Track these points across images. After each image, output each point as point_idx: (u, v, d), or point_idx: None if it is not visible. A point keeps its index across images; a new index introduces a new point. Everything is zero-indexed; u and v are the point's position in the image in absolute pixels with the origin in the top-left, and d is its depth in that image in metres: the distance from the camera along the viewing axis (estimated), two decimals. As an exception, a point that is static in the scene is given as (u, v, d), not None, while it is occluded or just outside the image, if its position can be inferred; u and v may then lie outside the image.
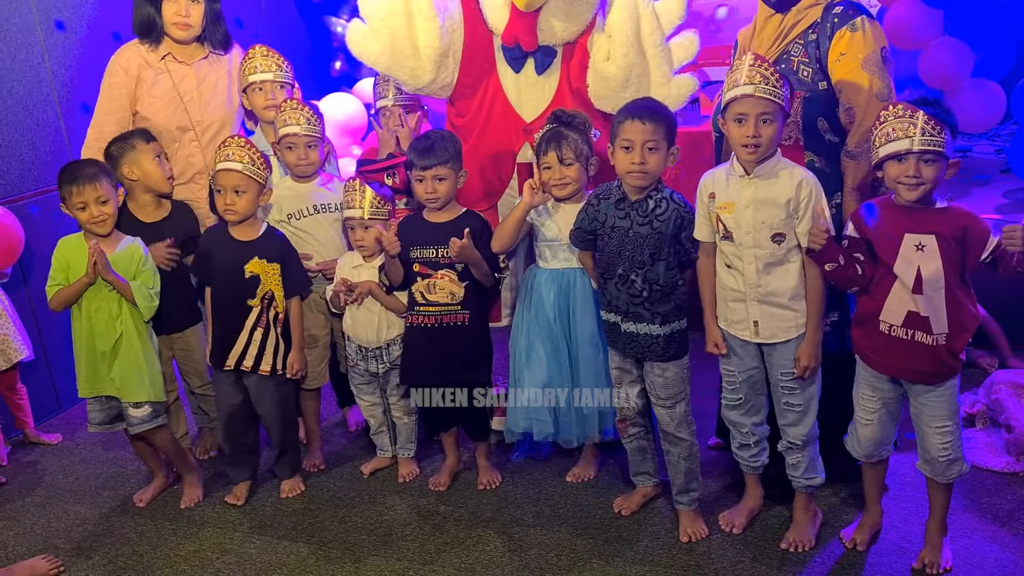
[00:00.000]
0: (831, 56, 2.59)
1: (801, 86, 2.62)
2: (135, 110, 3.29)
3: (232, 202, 2.88)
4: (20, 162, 3.78)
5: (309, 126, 3.06)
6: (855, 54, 2.55)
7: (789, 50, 2.65)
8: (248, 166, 2.87)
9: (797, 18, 2.65)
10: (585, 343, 2.86)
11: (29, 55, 3.79)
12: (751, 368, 2.60)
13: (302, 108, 3.07)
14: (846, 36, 2.56)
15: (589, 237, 2.73)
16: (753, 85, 2.37)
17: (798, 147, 2.65)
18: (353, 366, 3.14)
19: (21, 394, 3.66)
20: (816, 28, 2.62)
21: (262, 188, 2.94)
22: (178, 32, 3.25)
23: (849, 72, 2.56)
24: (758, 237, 2.45)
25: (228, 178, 2.87)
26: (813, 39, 2.61)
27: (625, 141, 2.55)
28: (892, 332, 2.36)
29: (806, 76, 2.63)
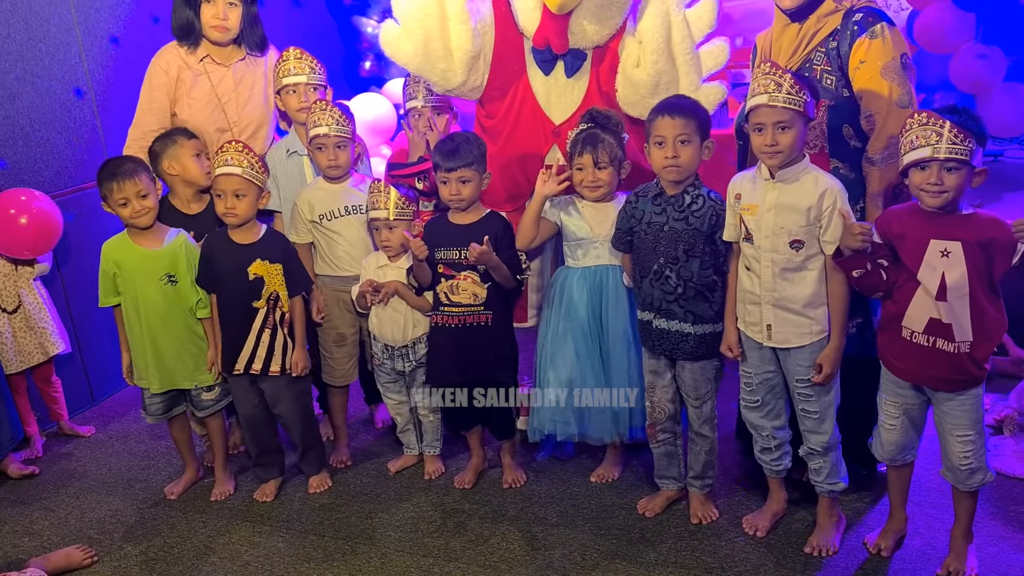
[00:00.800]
0: (851, 64, 2.60)
1: (825, 94, 2.62)
2: (174, 111, 3.36)
3: (232, 206, 2.91)
4: (58, 160, 3.86)
5: (338, 127, 3.09)
6: (874, 61, 2.56)
7: (811, 58, 2.66)
8: (247, 170, 2.91)
9: (817, 26, 2.66)
10: (617, 339, 2.88)
11: (67, 55, 3.86)
12: (768, 371, 2.61)
13: (331, 109, 3.10)
14: (865, 43, 2.57)
15: (628, 238, 2.76)
16: (768, 94, 2.39)
17: (823, 155, 2.66)
18: (379, 365, 3.18)
19: (56, 387, 3.74)
20: (837, 36, 2.62)
21: (261, 191, 2.97)
22: (216, 34, 3.31)
23: (869, 80, 2.57)
24: (776, 241, 2.46)
25: (228, 182, 2.90)
26: (834, 47, 2.62)
27: (658, 137, 2.60)
28: (913, 338, 2.36)
29: (830, 84, 2.63)
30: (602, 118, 2.81)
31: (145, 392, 3.14)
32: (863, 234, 2.33)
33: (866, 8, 2.61)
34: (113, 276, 3.00)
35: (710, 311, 2.67)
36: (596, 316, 2.90)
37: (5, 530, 3.08)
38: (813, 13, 2.66)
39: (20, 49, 3.67)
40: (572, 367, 2.91)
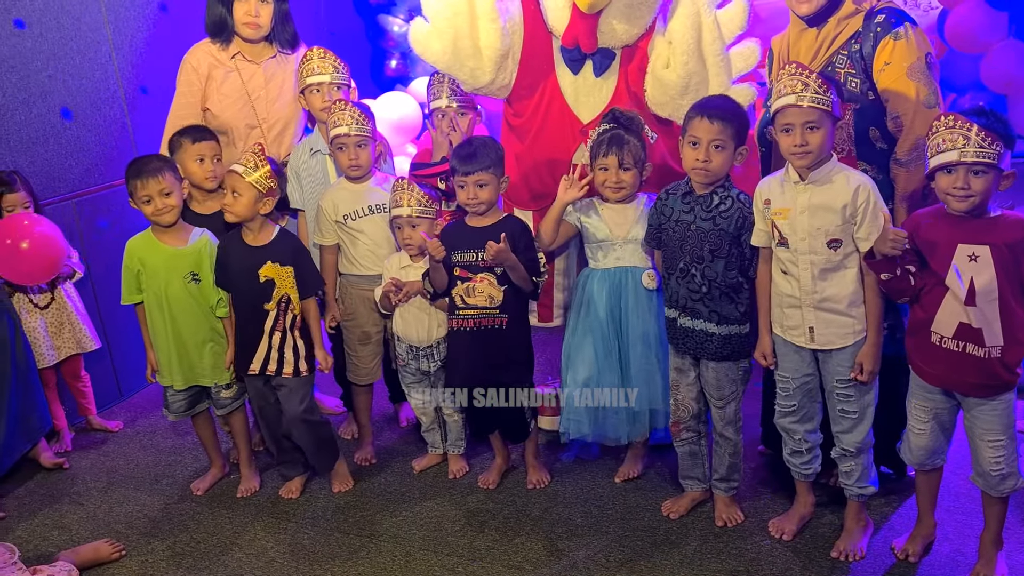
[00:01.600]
0: (876, 66, 2.58)
1: (850, 97, 2.61)
2: (206, 107, 3.39)
3: (229, 203, 2.93)
4: (88, 157, 3.90)
5: (358, 126, 3.09)
6: (900, 63, 2.54)
7: (834, 62, 2.64)
8: (250, 171, 2.91)
9: (837, 29, 2.64)
10: (637, 341, 2.88)
11: (98, 53, 3.90)
12: (806, 375, 2.60)
13: (351, 108, 3.10)
14: (890, 44, 2.55)
15: (657, 234, 2.77)
16: (795, 94, 2.38)
17: (851, 158, 2.64)
18: (404, 365, 3.19)
19: (85, 382, 3.78)
20: (859, 38, 2.61)
21: (261, 196, 2.94)
22: (248, 31, 3.34)
23: (895, 81, 2.55)
24: (814, 243, 2.44)
25: (231, 179, 2.92)
26: (857, 49, 2.60)
27: (693, 137, 2.58)
28: (943, 344, 2.33)
29: (854, 87, 2.62)
30: (625, 119, 2.81)
31: (167, 390, 3.16)
32: (896, 241, 2.30)
33: (888, 9, 2.60)
34: (137, 274, 3.03)
35: (736, 312, 2.66)
36: (615, 318, 2.89)
37: (35, 523, 3.12)
38: (832, 17, 2.64)
39: (51, 48, 3.72)
40: (590, 367, 2.92)
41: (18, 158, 3.57)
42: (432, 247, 2.86)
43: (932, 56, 2.59)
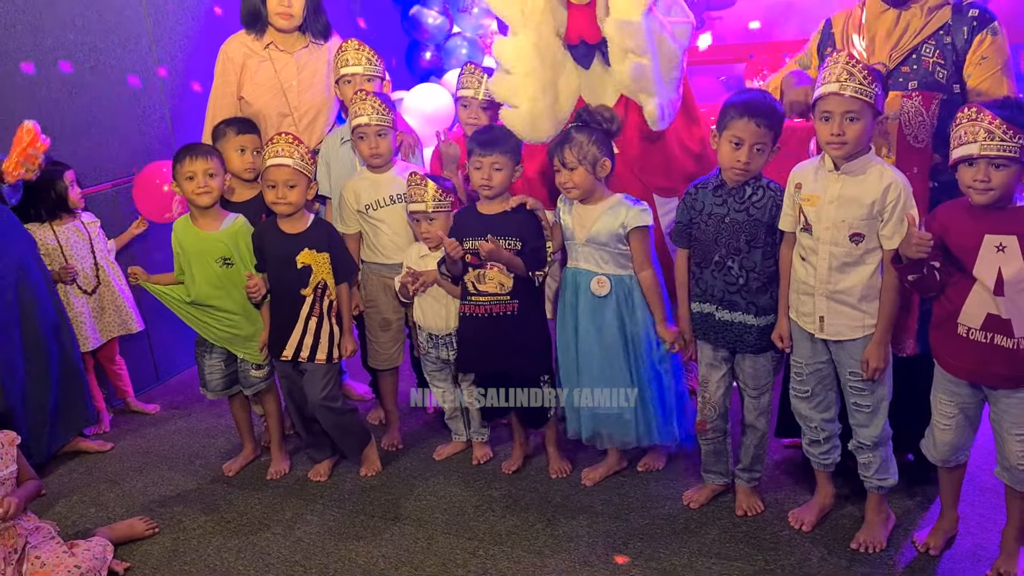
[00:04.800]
0: (971, 59, 2.55)
1: (938, 89, 2.57)
2: (240, 95, 3.48)
3: (284, 195, 2.98)
4: (128, 146, 4.01)
5: (378, 115, 3.12)
6: (995, 59, 2.53)
7: (919, 49, 2.60)
8: (298, 161, 2.98)
9: (925, 19, 2.60)
10: (593, 346, 2.86)
11: (138, 44, 4.00)
12: (819, 362, 2.59)
13: (371, 99, 3.13)
14: (988, 40, 2.53)
15: (687, 231, 2.74)
16: (839, 83, 2.34)
17: (927, 150, 2.59)
18: (425, 354, 3.23)
19: (120, 365, 3.89)
20: (949, 30, 2.57)
21: (310, 182, 3.04)
22: (281, 22, 3.42)
23: (989, 76, 2.53)
24: (836, 234, 2.43)
25: (279, 173, 2.97)
26: (948, 42, 2.57)
27: (735, 137, 2.55)
28: (970, 335, 2.31)
29: (941, 78, 2.58)
30: (588, 116, 2.78)
31: (205, 368, 3.25)
32: (922, 244, 2.27)
33: (977, 4, 2.59)
34: (176, 255, 3.13)
35: (771, 302, 2.65)
36: (571, 320, 2.90)
37: (74, 500, 3.23)
38: (916, 3, 2.61)
39: (93, 40, 3.82)
40: (564, 367, 2.96)
41: (63, 147, 3.68)
42: (450, 246, 2.89)
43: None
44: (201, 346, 3.25)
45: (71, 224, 3.61)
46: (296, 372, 3.14)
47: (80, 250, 3.63)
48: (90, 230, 3.68)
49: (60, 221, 3.58)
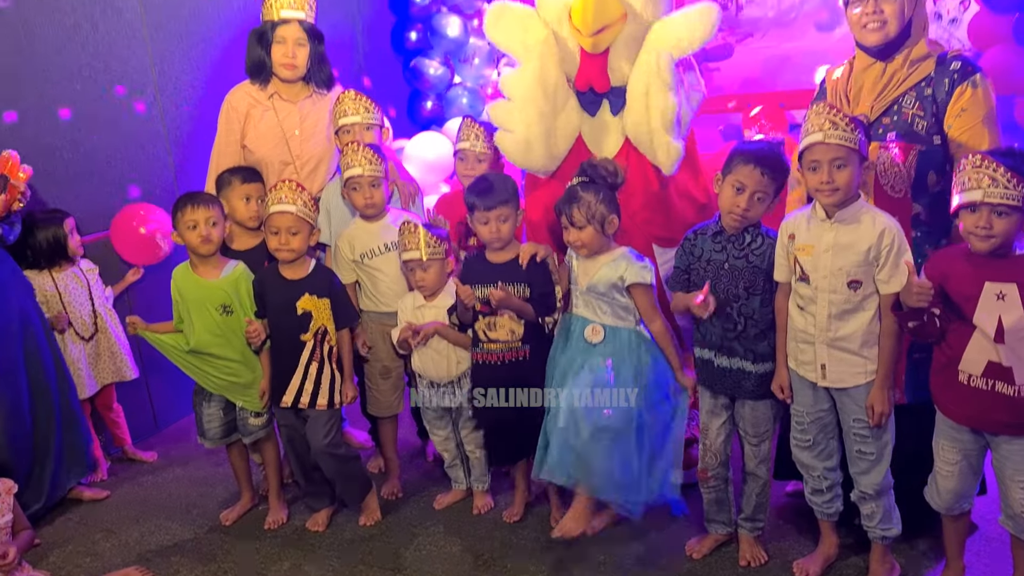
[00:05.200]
0: (951, 111, 2.57)
1: (916, 140, 2.60)
2: (243, 144, 3.52)
3: (286, 242, 3.00)
4: (131, 194, 4.03)
5: (371, 166, 3.15)
6: (976, 111, 2.54)
7: (900, 101, 2.63)
8: (301, 208, 3.00)
9: (908, 71, 2.64)
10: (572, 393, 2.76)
11: (144, 94, 4.05)
12: (821, 410, 2.59)
13: (363, 150, 3.15)
14: (968, 92, 2.55)
15: (684, 276, 2.75)
16: (823, 132, 2.39)
17: (907, 200, 2.61)
18: (426, 401, 3.21)
19: (118, 412, 3.87)
20: (931, 82, 2.60)
21: (312, 228, 3.07)
22: (285, 72, 3.47)
23: (970, 128, 2.55)
24: (835, 282, 2.45)
25: (283, 220, 3.00)
26: (929, 94, 2.60)
27: (739, 183, 2.58)
28: (971, 382, 2.31)
29: (920, 129, 2.60)
30: (592, 170, 2.78)
31: (203, 417, 3.23)
32: (922, 293, 2.29)
33: (962, 56, 2.62)
34: (176, 302, 3.13)
35: (769, 349, 2.66)
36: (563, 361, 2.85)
37: (68, 550, 3.19)
38: (899, 53, 2.65)
39: (98, 90, 3.86)
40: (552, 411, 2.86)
41: (64, 194, 3.70)
42: (464, 294, 2.89)
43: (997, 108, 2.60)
44: (199, 394, 3.24)
45: (70, 271, 3.62)
46: (298, 419, 3.13)
47: (78, 297, 3.63)
48: (88, 277, 3.69)
49: (59, 268, 3.59)
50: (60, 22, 3.69)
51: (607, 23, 2.87)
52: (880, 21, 2.60)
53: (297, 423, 3.13)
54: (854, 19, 2.67)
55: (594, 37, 2.86)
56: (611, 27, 2.89)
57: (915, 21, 2.64)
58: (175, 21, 4.15)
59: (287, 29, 3.46)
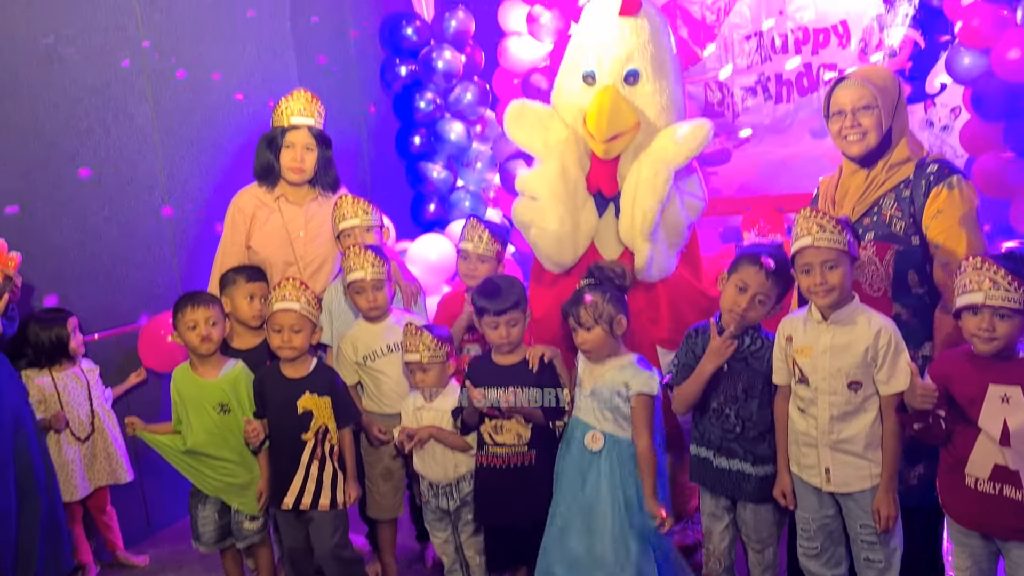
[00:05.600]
0: (927, 212, 2.61)
1: (894, 240, 2.64)
2: (248, 244, 3.57)
3: (289, 340, 3.01)
4: (135, 294, 4.05)
5: (374, 270, 3.17)
6: (952, 212, 2.58)
7: (880, 203, 2.69)
8: (304, 306, 3.02)
9: (888, 174, 2.70)
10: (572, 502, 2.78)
11: (151, 197, 4.12)
12: (826, 516, 2.54)
13: (366, 253, 3.18)
14: (943, 194, 2.59)
15: (690, 372, 2.73)
16: (811, 236, 2.44)
17: (886, 298, 2.65)
18: (426, 502, 3.16)
19: (111, 515, 3.79)
20: (909, 184, 2.66)
21: (314, 327, 3.08)
22: (293, 176, 3.55)
23: (946, 229, 2.58)
24: (834, 384, 2.44)
25: (286, 318, 3.01)
26: (907, 195, 2.65)
27: (742, 282, 2.61)
28: (978, 486, 2.28)
29: (898, 230, 2.65)
30: (599, 272, 2.81)
31: (198, 519, 3.17)
32: (926, 395, 2.28)
33: (940, 161, 2.68)
34: (175, 404, 3.12)
35: (769, 451, 2.63)
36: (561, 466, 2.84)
37: (52, 660, 3.08)
38: (881, 159, 2.71)
39: (109, 193, 3.94)
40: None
41: (69, 294, 3.73)
42: (476, 397, 2.87)
43: (979, 209, 2.64)
44: (195, 496, 3.19)
45: (70, 371, 3.60)
46: (300, 522, 3.07)
47: (77, 397, 3.61)
48: (88, 377, 3.67)
49: (59, 367, 3.57)
50: (74, 127, 3.80)
51: (620, 131, 2.96)
52: (860, 133, 2.69)
53: (298, 526, 3.07)
54: (835, 132, 2.76)
55: (607, 144, 2.95)
56: (624, 135, 2.98)
57: (895, 129, 2.72)
58: (186, 127, 4.27)
59: (296, 135, 3.55)
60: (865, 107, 2.68)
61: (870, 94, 2.67)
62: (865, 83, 2.70)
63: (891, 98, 2.70)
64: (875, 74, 2.79)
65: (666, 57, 3.10)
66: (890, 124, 2.70)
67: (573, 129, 3.09)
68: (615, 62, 3.06)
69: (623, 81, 3.05)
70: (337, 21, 5.24)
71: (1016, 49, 3.94)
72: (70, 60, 3.77)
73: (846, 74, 2.82)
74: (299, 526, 3.08)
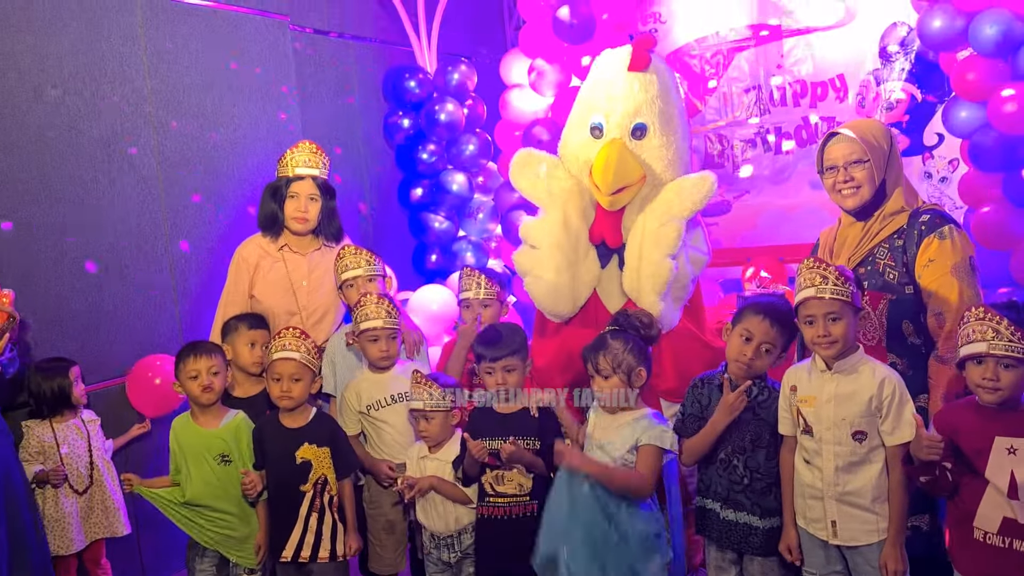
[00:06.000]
0: (919, 262, 2.63)
1: (887, 289, 2.65)
2: (251, 293, 3.58)
3: (288, 389, 3.00)
4: (136, 343, 4.03)
5: (390, 319, 3.19)
6: (943, 261, 2.59)
7: (874, 253, 2.71)
8: (304, 355, 3.02)
9: (882, 224, 2.73)
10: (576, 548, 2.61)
11: (154, 248, 4.14)
12: (834, 571, 2.50)
13: (382, 302, 3.20)
14: (935, 243, 2.61)
15: (697, 423, 2.69)
16: (815, 287, 2.44)
17: (880, 348, 2.66)
18: (428, 554, 3.12)
19: (106, 570, 3.72)
20: (902, 234, 2.68)
21: (314, 376, 3.07)
22: (296, 226, 3.58)
23: (938, 278, 2.59)
24: (839, 434, 2.42)
25: (285, 367, 3.00)
26: (900, 245, 2.67)
27: (747, 332, 2.60)
28: (987, 540, 2.25)
29: (892, 279, 2.66)
30: (625, 320, 2.78)
31: (195, 573, 3.13)
32: (933, 447, 2.27)
33: (933, 211, 2.70)
34: (173, 454, 3.09)
35: (776, 503, 2.60)
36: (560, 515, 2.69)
37: None
38: (877, 211, 2.74)
39: (110, 242, 3.95)
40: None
41: (70, 343, 3.72)
42: (475, 449, 2.84)
43: (975, 259, 2.65)
44: (192, 549, 3.16)
45: (71, 421, 3.57)
46: (300, 575, 3.03)
47: (77, 448, 3.57)
48: (89, 428, 3.63)
49: (61, 418, 3.53)
50: (79, 177, 3.82)
51: (626, 184, 2.98)
52: (853, 187, 2.73)
53: None
54: (829, 186, 2.80)
55: (612, 196, 2.96)
56: (630, 188, 3.00)
57: (889, 180, 2.75)
58: (191, 179, 4.30)
59: (301, 185, 3.59)
60: (856, 161, 2.72)
61: (860, 149, 2.71)
62: (855, 139, 2.73)
63: (882, 151, 2.74)
64: (865, 129, 2.81)
65: (674, 112, 3.14)
66: (883, 176, 2.74)
67: (578, 180, 3.11)
68: (623, 116, 3.09)
69: (630, 135, 3.08)
70: (340, 74, 5.32)
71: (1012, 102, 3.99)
72: (76, 110, 3.81)
73: (837, 129, 2.85)
74: (299, 578, 3.04)
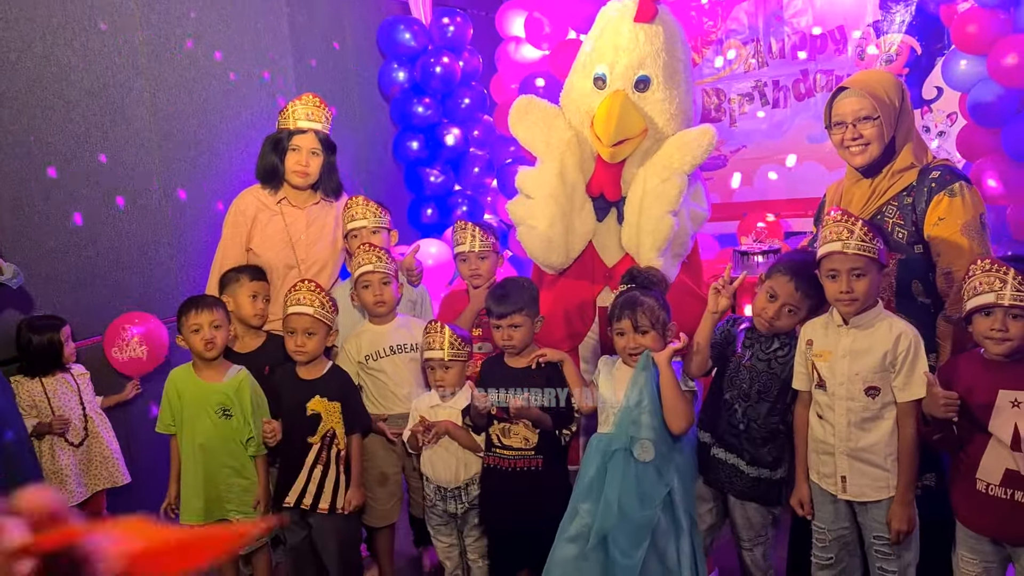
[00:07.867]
0: (928, 220, 2.56)
1: (896, 248, 2.59)
2: (249, 247, 3.55)
3: (302, 343, 2.99)
4: (134, 301, 4.01)
5: (381, 263, 3.19)
6: (954, 219, 2.53)
7: (883, 211, 2.65)
8: (319, 309, 3.01)
9: (891, 181, 2.66)
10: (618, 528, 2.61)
11: (150, 201, 4.09)
12: (842, 527, 2.51)
13: (373, 249, 3.21)
14: (945, 201, 2.54)
15: (723, 349, 2.71)
16: (841, 241, 2.38)
17: (890, 308, 2.60)
18: (431, 506, 3.13)
19: (104, 523, 3.74)
20: (912, 191, 2.61)
21: (329, 329, 3.06)
22: (297, 179, 3.53)
23: (948, 237, 2.53)
24: (851, 388, 2.42)
25: (299, 321, 2.99)
26: (909, 202, 2.60)
27: (772, 291, 2.59)
28: (990, 491, 2.27)
29: (901, 238, 2.61)
30: (642, 278, 2.78)
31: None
32: (949, 404, 2.25)
33: (943, 166, 2.62)
34: (172, 404, 3.08)
35: (768, 456, 2.61)
36: (597, 488, 2.70)
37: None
38: (885, 167, 2.67)
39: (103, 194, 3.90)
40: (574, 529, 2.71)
41: (64, 298, 3.69)
42: (479, 400, 2.85)
43: (985, 216, 2.59)
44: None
45: (60, 376, 3.54)
46: (303, 522, 3.05)
47: (68, 402, 3.55)
48: (79, 381, 3.61)
49: (50, 375, 3.52)
50: (71, 131, 3.76)
51: (628, 136, 2.94)
52: (862, 144, 2.63)
53: (301, 526, 3.07)
54: (837, 142, 2.70)
55: (613, 148, 2.93)
56: (631, 140, 2.96)
57: (899, 136, 2.66)
58: (184, 131, 4.24)
59: (303, 138, 3.53)
60: (866, 118, 2.62)
61: (870, 105, 2.61)
62: (865, 94, 2.62)
63: (892, 108, 2.63)
64: (876, 83, 2.68)
65: (678, 65, 3.09)
66: (892, 133, 2.65)
67: (577, 131, 3.07)
68: (627, 67, 3.04)
69: (633, 87, 3.04)
70: (335, 25, 5.23)
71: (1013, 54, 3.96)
72: (67, 63, 3.73)
73: (846, 83, 2.75)
74: (301, 525, 3.07)
